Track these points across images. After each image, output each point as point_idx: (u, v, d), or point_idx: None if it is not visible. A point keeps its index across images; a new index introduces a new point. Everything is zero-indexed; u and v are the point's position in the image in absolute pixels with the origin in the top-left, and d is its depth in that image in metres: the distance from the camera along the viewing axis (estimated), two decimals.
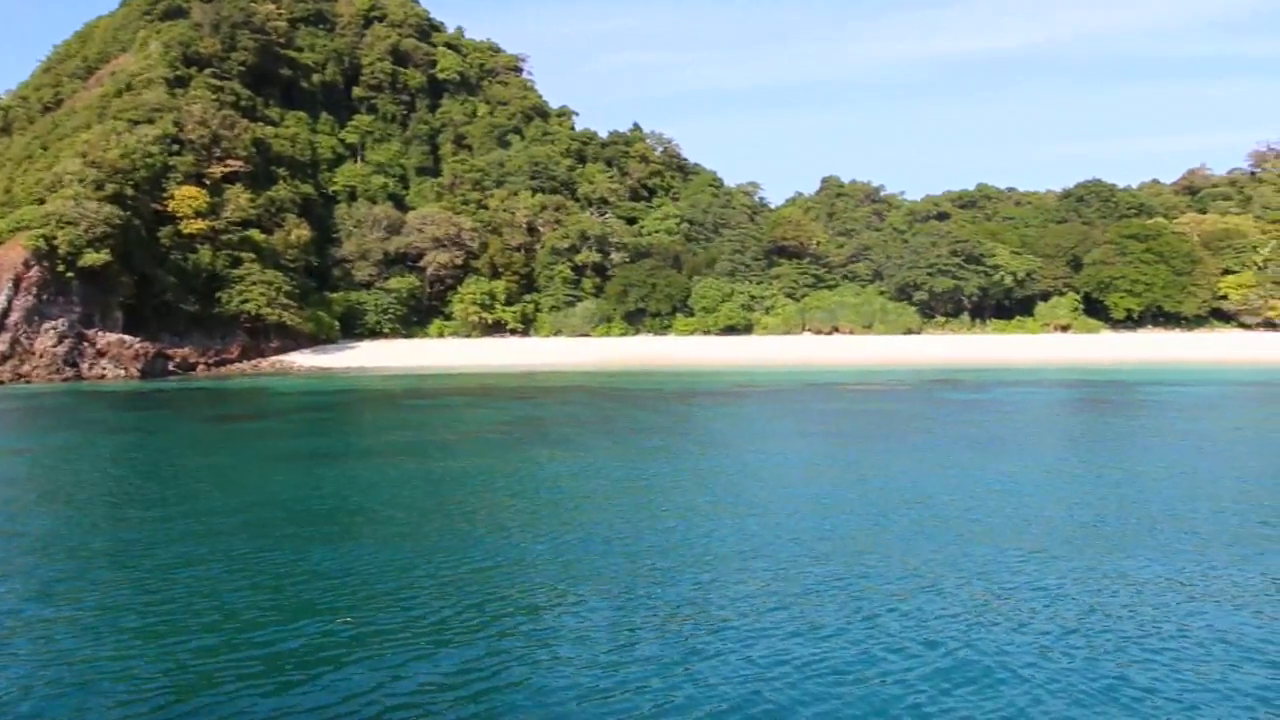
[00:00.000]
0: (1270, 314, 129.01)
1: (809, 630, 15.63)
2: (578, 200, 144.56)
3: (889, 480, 29.27)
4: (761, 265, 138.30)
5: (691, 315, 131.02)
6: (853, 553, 20.39)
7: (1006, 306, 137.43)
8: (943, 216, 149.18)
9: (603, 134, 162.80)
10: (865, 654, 14.59)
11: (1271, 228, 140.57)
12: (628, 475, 30.72)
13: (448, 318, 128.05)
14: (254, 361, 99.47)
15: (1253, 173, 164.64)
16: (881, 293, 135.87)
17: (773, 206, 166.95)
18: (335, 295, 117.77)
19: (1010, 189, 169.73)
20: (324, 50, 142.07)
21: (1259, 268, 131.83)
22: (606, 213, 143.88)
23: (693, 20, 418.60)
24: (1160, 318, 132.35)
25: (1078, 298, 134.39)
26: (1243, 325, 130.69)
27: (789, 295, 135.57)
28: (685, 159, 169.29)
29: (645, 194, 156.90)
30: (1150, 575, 18.67)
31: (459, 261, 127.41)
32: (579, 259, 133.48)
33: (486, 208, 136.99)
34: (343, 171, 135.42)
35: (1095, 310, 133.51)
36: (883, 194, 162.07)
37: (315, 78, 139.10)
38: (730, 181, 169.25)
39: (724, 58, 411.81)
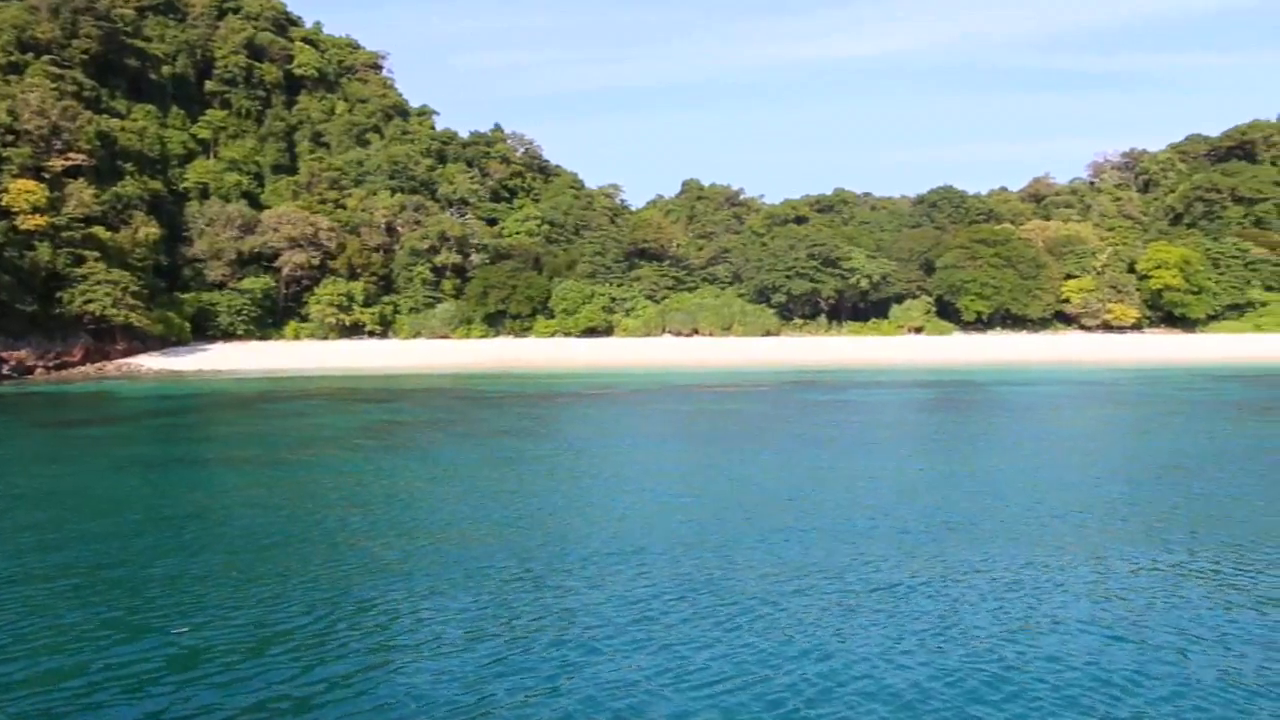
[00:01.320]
0: (1108, 317, 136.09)
1: (678, 636, 15.97)
2: (438, 201, 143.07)
3: (750, 481, 30.04)
4: (622, 267, 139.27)
5: (552, 317, 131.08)
6: (718, 554, 20.95)
7: (862, 309, 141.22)
8: (801, 220, 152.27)
9: (463, 134, 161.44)
10: (733, 659, 14.96)
11: (1109, 235, 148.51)
12: (489, 479, 30.77)
13: (304, 319, 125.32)
14: (99, 365, 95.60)
15: (1092, 182, 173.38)
16: (740, 295, 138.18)
17: (633, 209, 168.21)
18: (186, 296, 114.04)
19: (866, 194, 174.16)
20: (174, 41, 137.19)
21: (1097, 273, 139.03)
22: (467, 213, 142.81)
23: (554, 20, 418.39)
24: (1008, 320, 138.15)
25: (930, 300, 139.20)
26: (1083, 327, 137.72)
27: (649, 297, 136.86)
28: (546, 160, 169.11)
29: (506, 195, 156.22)
30: (1001, 568, 19.67)
31: (316, 262, 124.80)
32: (439, 260, 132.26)
33: (344, 207, 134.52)
34: (194, 168, 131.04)
35: (947, 312, 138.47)
36: (742, 197, 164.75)
37: (165, 69, 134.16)
38: (591, 183, 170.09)
39: (586, 58, 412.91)
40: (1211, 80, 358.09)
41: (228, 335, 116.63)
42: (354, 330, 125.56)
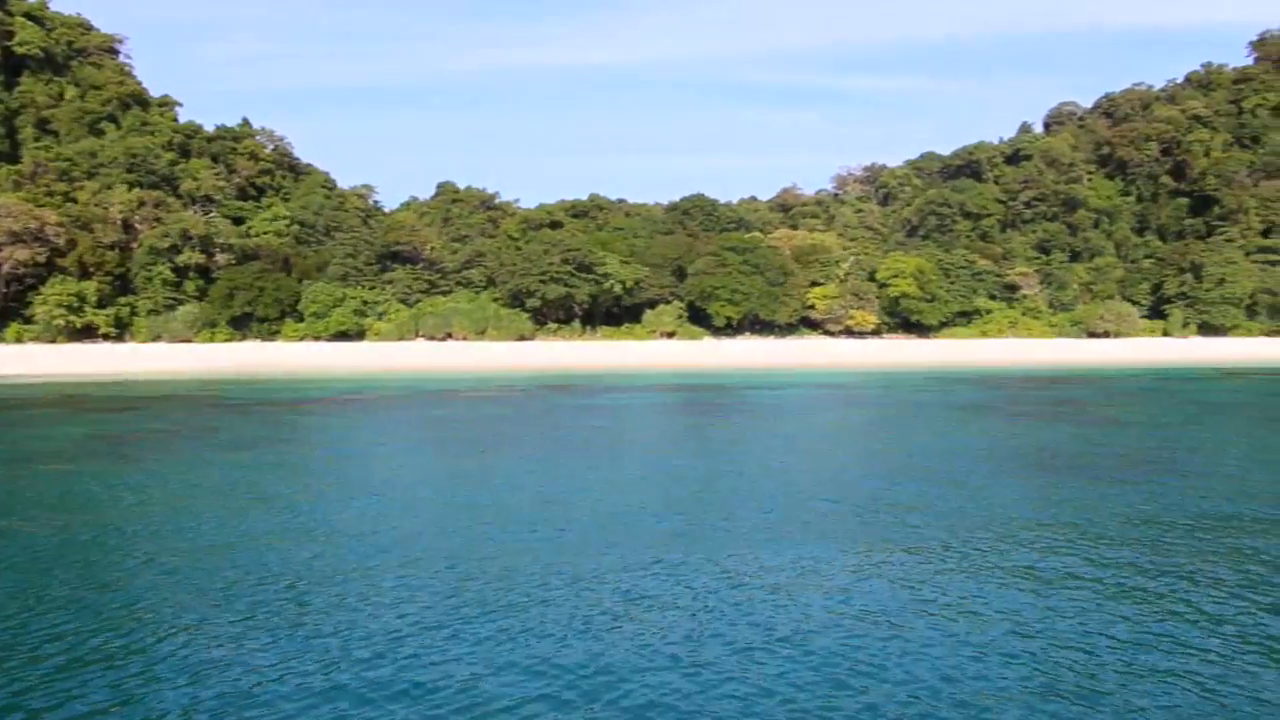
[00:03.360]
0: (850, 322, 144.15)
1: (420, 647, 16.01)
2: (180, 197, 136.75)
3: (497, 488, 30.21)
4: (375, 270, 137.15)
5: (301, 320, 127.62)
6: (473, 563, 20.92)
7: (616, 314, 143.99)
8: (556, 225, 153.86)
9: (209, 127, 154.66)
10: (484, 671, 15.06)
11: (851, 244, 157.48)
12: (224, 493, 29.81)
13: (28, 321, 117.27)
14: None
15: (836, 194, 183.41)
16: (495, 299, 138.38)
17: (387, 210, 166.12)
18: None
19: (621, 200, 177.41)
20: None
21: (840, 280, 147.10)
22: (211, 211, 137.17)
23: (306, 13, 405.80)
24: (757, 325, 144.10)
25: (682, 306, 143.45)
26: (827, 333, 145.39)
27: (402, 301, 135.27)
28: (297, 158, 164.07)
29: (254, 193, 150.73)
30: (751, 569, 20.54)
31: (42, 259, 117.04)
32: (181, 260, 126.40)
33: (75, 201, 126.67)
34: None
35: (698, 318, 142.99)
36: (498, 201, 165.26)
37: None
38: (344, 183, 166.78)
39: (340, 53, 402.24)
40: (944, 104, 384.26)
41: None
42: (86, 333, 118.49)
